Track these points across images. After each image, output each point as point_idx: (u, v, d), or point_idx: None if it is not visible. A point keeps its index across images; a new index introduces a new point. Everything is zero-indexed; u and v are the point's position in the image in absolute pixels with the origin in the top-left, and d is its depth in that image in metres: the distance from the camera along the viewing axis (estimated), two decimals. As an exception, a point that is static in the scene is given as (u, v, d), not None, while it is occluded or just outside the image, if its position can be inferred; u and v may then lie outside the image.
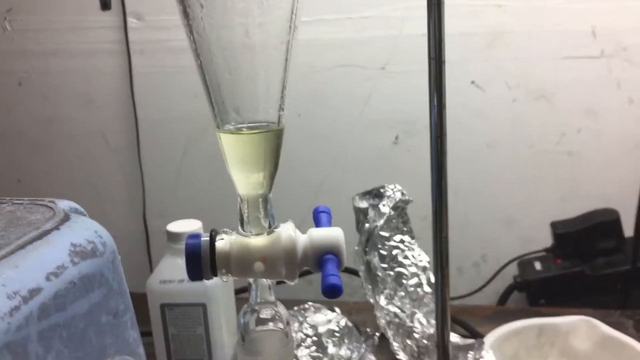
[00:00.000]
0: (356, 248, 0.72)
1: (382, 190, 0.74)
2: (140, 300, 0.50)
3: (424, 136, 0.89)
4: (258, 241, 0.32)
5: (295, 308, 0.70)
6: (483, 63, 0.85)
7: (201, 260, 0.31)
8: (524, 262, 0.86)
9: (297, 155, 0.93)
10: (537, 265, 0.85)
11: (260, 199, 0.33)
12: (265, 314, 0.33)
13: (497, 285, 0.90)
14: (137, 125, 0.94)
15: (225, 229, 0.33)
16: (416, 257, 0.73)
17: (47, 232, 0.37)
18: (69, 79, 0.95)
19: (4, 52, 0.95)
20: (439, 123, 0.42)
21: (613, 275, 0.79)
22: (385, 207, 0.73)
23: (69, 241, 0.37)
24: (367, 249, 0.73)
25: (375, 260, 0.72)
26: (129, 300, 0.42)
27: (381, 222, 0.72)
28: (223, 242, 0.32)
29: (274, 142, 0.33)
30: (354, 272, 0.73)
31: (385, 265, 0.72)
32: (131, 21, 0.90)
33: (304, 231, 0.36)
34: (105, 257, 0.40)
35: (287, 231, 0.32)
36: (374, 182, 0.76)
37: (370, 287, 0.72)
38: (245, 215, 0.33)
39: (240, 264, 0.31)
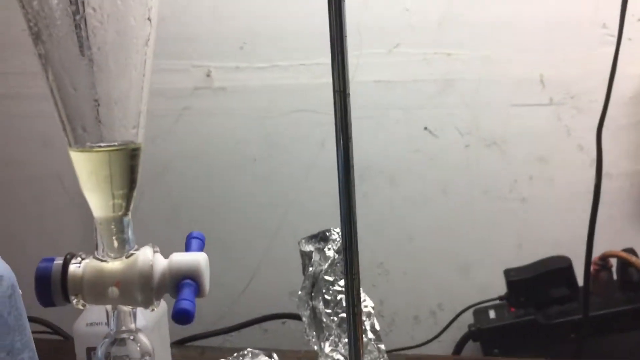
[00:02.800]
0: (300, 293, 0.71)
1: (327, 233, 0.73)
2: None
3: (379, 181, 0.90)
4: (113, 265, 0.31)
5: (235, 354, 0.68)
6: (435, 109, 0.86)
7: (51, 285, 0.30)
8: (479, 311, 0.85)
9: (252, 200, 0.93)
10: (492, 314, 0.83)
11: (114, 222, 0.32)
12: (125, 343, 0.32)
13: (454, 333, 0.88)
14: (93, 168, 0.94)
15: (82, 254, 0.32)
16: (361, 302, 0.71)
17: None
18: (27, 122, 0.95)
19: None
20: (345, 155, 0.42)
21: (566, 324, 0.78)
22: (330, 251, 0.72)
23: (-41, 273, 0.36)
24: (312, 294, 0.72)
25: (321, 305, 0.70)
26: (29, 339, 0.41)
27: (325, 266, 0.71)
28: (76, 266, 0.31)
29: (125, 161, 0.33)
30: (297, 317, 0.72)
31: (329, 311, 0.70)
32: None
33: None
34: (0, 291, 0.39)
35: (144, 255, 0.32)
36: (330, 227, 0.75)
37: (314, 333, 0.70)
38: (99, 238, 0.32)
39: (93, 289, 0.30)
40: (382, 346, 0.66)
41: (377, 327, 0.68)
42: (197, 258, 0.33)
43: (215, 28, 0.88)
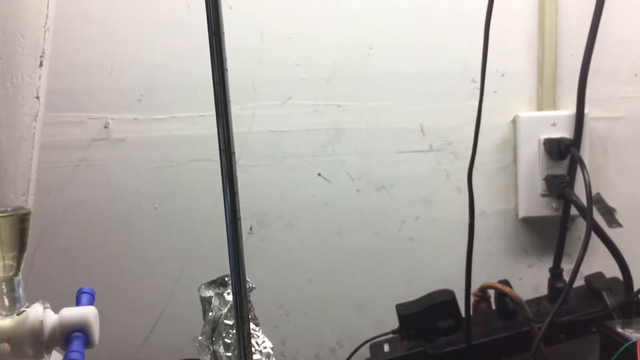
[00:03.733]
0: (200, 338, 0.73)
1: (226, 278, 0.75)
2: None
3: (277, 226, 0.94)
4: (5, 323, 0.33)
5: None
6: (328, 157, 0.92)
7: None
8: (375, 345, 0.90)
9: (153, 247, 0.94)
10: (386, 348, 0.88)
11: (5, 282, 0.34)
12: None
13: (353, 369, 0.92)
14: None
15: None
16: (260, 344, 0.74)
17: None
18: None
19: None
20: (232, 209, 0.45)
21: (452, 354, 0.84)
22: (229, 296, 0.74)
23: None
24: (213, 338, 0.73)
25: (221, 349, 0.72)
26: None
27: (225, 310, 0.73)
28: None
29: (16, 225, 0.35)
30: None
31: (230, 354, 0.72)
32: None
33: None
34: None
35: (35, 312, 0.34)
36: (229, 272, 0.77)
37: (216, 377, 0.72)
38: None
39: None
40: (280, 386, 0.69)
41: (276, 367, 0.71)
42: (85, 312, 0.35)
43: (112, 80, 0.90)
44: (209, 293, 0.75)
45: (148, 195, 0.93)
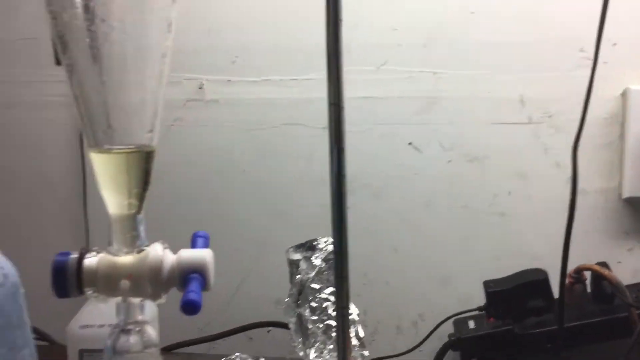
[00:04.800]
0: (287, 300, 0.73)
1: (314, 242, 0.75)
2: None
3: (364, 194, 0.93)
4: (125, 259, 0.34)
5: (223, 359, 0.70)
6: (420, 125, 0.89)
7: (67, 277, 0.32)
8: (459, 321, 0.87)
9: (240, 210, 0.95)
10: (471, 324, 0.86)
11: (128, 219, 0.35)
12: (135, 335, 0.34)
13: (435, 343, 0.90)
14: (84, 177, 0.96)
15: (96, 248, 0.34)
16: (345, 310, 0.74)
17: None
18: (20, 130, 0.97)
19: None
20: (337, 165, 0.44)
21: (542, 335, 0.81)
22: (317, 260, 0.74)
23: (-32, 269, 0.38)
24: (299, 302, 0.74)
25: (307, 313, 0.73)
26: (29, 336, 0.43)
27: (312, 274, 0.73)
28: (90, 260, 0.33)
29: (141, 163, 0.35)
30: (282, 325, 0.74)
31: (315, 318, 0.73)
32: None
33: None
34: (5, 289, 0.40)
35: (154, 251, 0.34)
36: (317, 237, 0.77)
37: (300, 340, 0.72)
38: (113, 235, 0.35)
39: (107, 281, 0.33)
40: (367, 352, 0.69)
41: (362, 334, 0.71)
42: (203, 254, 0.35)
43: (207, 42, 0.91)
44: (297, 256, 0.75)
45: (237, 158, 0.94)
